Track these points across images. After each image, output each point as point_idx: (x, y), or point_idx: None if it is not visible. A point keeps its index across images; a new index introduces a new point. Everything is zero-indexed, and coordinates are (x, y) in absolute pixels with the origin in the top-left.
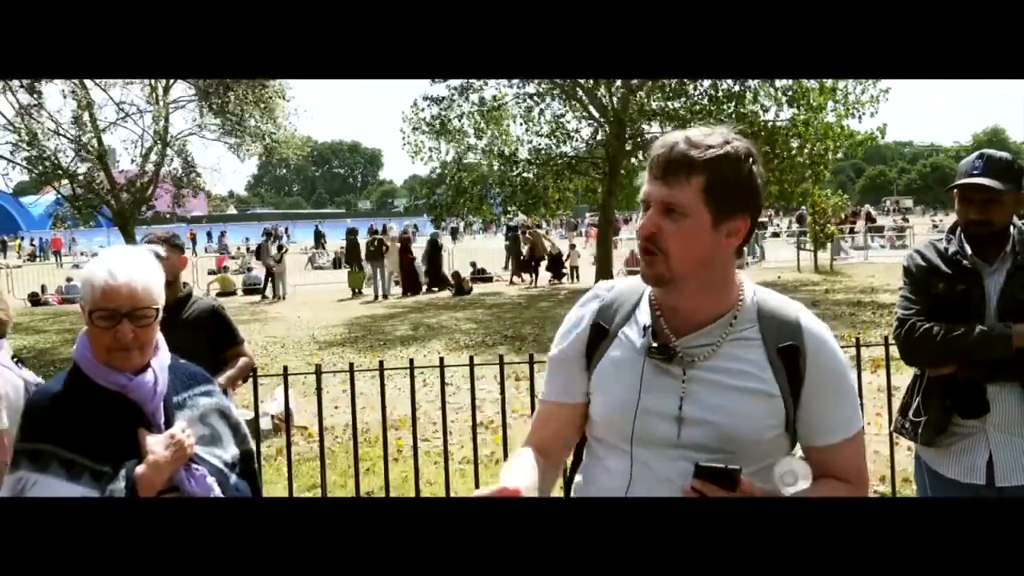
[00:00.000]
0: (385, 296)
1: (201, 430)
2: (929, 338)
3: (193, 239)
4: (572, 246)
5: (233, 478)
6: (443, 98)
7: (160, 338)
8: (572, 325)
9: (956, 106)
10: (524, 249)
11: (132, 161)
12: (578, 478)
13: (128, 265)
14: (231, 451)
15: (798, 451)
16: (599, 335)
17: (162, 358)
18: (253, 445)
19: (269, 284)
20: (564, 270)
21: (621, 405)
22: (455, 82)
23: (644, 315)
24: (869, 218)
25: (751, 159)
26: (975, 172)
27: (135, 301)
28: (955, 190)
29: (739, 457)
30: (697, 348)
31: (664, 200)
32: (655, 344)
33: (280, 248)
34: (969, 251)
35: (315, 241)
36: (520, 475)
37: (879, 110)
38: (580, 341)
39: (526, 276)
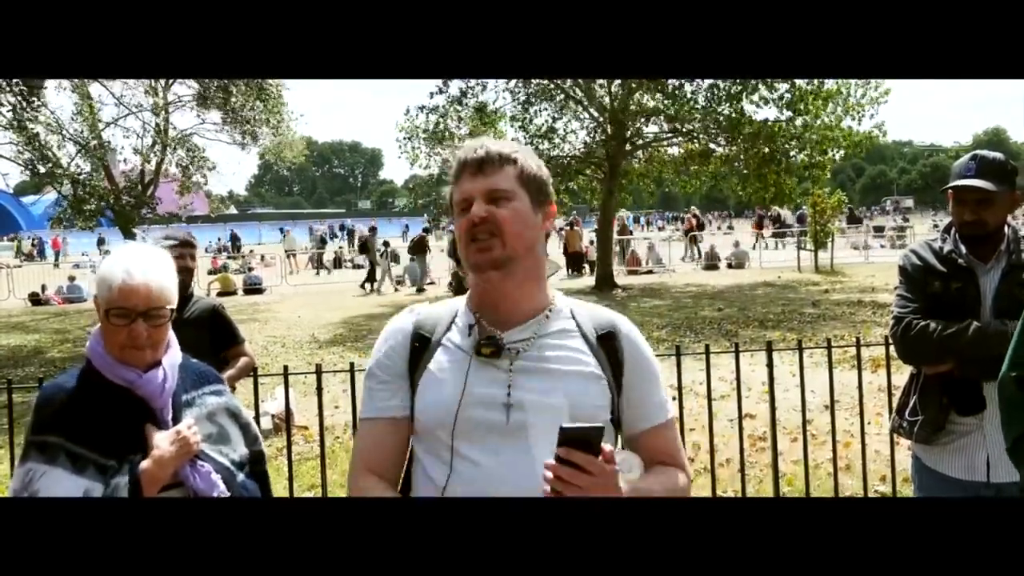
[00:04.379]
0: (422, 289)
1: (208, 428)
2: (926, 336)
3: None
4: (591, 242)
5: (240, 477)
6: (437, 107)
7: (172, 336)
8: (389, 336)
9: (956, 106)
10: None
11: (135, 152)
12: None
13: (145, 265)
14: (240, 450)
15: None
16: (421, 344)
17: (173, 356)
18: (264, 446)
19: (374, 278)
20: (584, 264)
21: (446, 400)
22: (452, 91)
23: (464, 320)
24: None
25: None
26: (968, 174)
27: (150, 301)
28: (950, 191)
29: None
30: (519, 342)
31: (489, 188)
32: (482, 338)
33: (385, 243)
34: (964, 250)
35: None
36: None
37: (879, 111)
38: (401, 352)
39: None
